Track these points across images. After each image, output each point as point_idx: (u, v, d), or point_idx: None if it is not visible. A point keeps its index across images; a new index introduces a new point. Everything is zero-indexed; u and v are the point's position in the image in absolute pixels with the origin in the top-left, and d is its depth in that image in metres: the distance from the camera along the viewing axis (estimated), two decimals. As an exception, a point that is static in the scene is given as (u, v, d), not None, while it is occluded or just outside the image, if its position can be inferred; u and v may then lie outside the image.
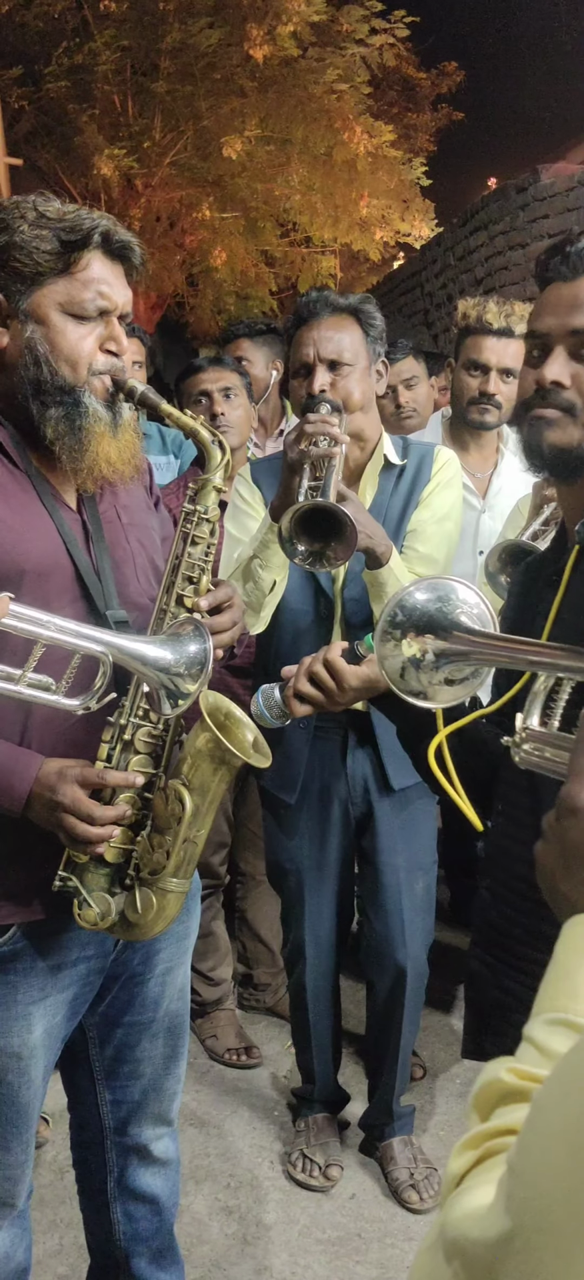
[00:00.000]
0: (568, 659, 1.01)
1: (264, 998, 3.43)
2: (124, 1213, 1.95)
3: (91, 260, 1.59)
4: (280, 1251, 2.46)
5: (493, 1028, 1.50)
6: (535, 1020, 0.75)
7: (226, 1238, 2.51)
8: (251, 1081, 3.10)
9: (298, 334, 2.31)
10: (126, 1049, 1.85)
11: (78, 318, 1.58)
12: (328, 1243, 2.49)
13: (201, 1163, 2.75)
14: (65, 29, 9.96)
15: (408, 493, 2.38)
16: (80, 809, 1.50)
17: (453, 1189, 0.67)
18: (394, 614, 1.21)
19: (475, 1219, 0.62)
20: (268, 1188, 2.67)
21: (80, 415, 1.59)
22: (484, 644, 1.16)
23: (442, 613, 1.18)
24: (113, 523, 1.74)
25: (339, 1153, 2.73)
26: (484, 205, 7.11)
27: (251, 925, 3.41)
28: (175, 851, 1.57)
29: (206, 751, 1.58)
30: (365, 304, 2.33)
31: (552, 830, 0.87)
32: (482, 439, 3.08)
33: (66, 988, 1.69)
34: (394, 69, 12.06)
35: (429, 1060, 3.15)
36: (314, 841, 2.53)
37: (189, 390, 3.16)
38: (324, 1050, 2.72)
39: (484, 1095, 0.72)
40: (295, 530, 1.97)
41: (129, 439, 1.66)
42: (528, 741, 1.11)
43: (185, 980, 1.92)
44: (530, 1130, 0.61)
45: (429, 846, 2.60)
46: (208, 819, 1.64)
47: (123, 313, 1.64)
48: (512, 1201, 0.59)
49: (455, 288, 7.60)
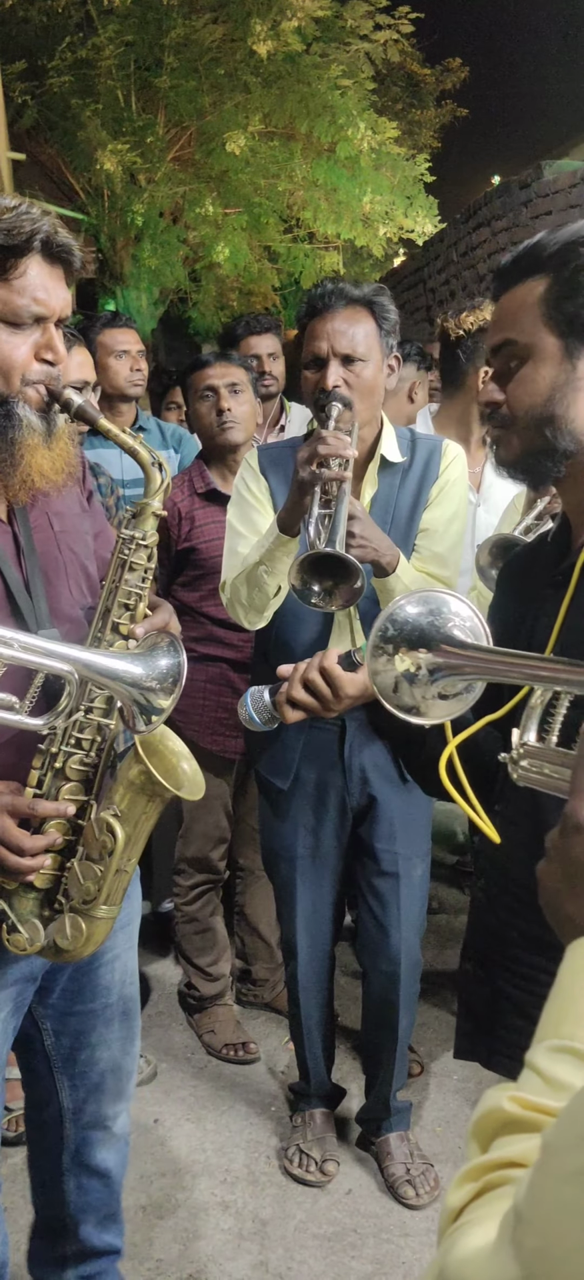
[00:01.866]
0: (567, 672, 0.97)
1: (262, 993, 3.43)
2: (77, 1185, 1.99)
3: (29, 265, 1.52)
4: (276, 1246, 2.47)
5: (486, 1029, 1.50)
6: (539, 1047, 0.71)
7: (223, 1232, 2.51)
8: (249, 1077, 3.10)
9: (311, 325, 2.26)
10: (82, 1037, 1.87)
11: (12, 325, 1.52)
12: (324, 1238, 2.49)
13: (198, 1157, 2.75)
14: (68, 24, 9.93)
15: (417, 490, 2.35)
16: (9, 839, 1.50)
17: (451, 1223, 0.65)
18: (385, 628, 1.18)
19: (479, 1264, 0.59)
20: (264, 1183, 2.67)
21: (12, 427, 1.54)
22: (479, 658, 1.13)
23: (434, 626, 1.15)
24: (44, 530, 1.70)
25: (336, 1148, 2.73)
26: (487, 201, 7.09)
27: (250, 920, 3.41)
28: (107, 882, 1.57)
29: (139, 783, 1.57)
30: (379, 295, 2.28)
31: (556, 849, 0.84)
32: (476, 433, 3.07)
33: (9, 985, 1.70)
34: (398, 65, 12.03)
35: (426, 1056, 3.15)
36: (308, 829, 2.53)
37: (195, 385, 3.15)
38: (315, 1044, 2.73)
39: (484, 1124, 0.69)
40: (306, 574, 1.94)
41: (63, 447, 1.61)
42: (526, 758, 1.08)
43: (134, 964, 1.96)
44: (542, 1175, 0.58)
45: (426, 834, 2.61)
46: (139, 846, 1.63)
47: (60, 317, 1.58)
48: (522, 1250, 0.56)
49: (458, 284, 7.59)
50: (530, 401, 1.41)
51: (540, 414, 1.40)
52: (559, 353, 1.39)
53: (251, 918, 3.40)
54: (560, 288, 1.39)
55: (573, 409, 1.40)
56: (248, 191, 10.63)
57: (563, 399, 1.39)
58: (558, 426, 1.40)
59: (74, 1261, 2.06)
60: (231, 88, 10.22)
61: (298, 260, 10.78)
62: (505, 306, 1.44)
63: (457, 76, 13.93)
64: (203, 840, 3.21)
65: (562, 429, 1.40)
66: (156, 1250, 2.45)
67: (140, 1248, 2.45)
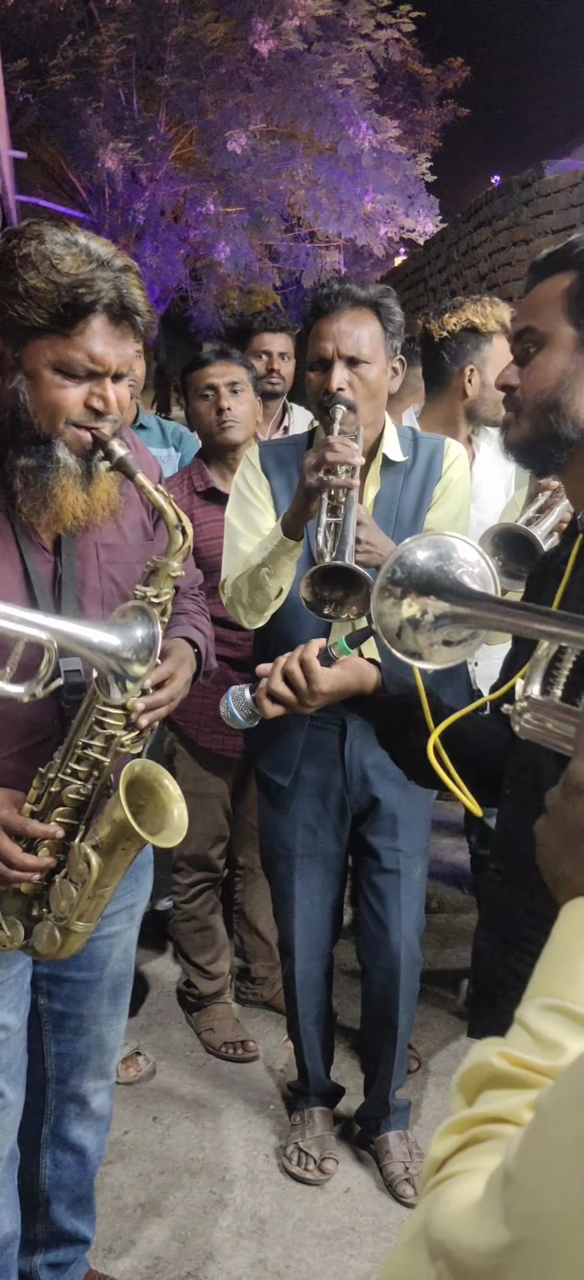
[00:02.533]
0: (573, 628, 0.97)
1: (261, 991, 3.44)
2: (52, 1159, 2.06)
3: (91, 323, 1.54)
4: (275, 1245, 2.47)
5: (498, 1008, 1.51)
6: (529, 1003, 0.71)
7: (221, 1231, 2.51)
8: (248, 1075, 3.10)
9: (316, 325, 2.25)
10: (73, 1004, 1.96)
11: (65, 374, 1.55)
12: (322, 1236, 2.49)
13: (197, 1155, 2.76)
14: (70, 22, 9.95)
15: (421, 489, 2.35)
16: (1, 850, 1.59)
17: (434, 1173, 0.64)
18: (393, 571, 1.17)
19: (465, 1223, 0.58)
20: (263, 1181, 2.67)
21: (49, 466, 1.58)
22: (486, 607, 1.12)
23: (442, 571, 1.14)
24: (88, 559, 1.74)
25: (334, 1146, 2.73)
26: (488, 201, 7.09)
27: (249, 919, 3.41)
28: (80, 904, 1.65)
29: (120, 825, 1.63)
30: (385, 297, 2.27)
31: (555, 808, 0.84)
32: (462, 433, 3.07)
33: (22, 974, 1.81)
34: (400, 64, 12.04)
35: (425, 1055, 3.15)
36: (307, 828, 2.53)
37: (195, 384, 3.15)
38: (313, 1043, 2.72)
39: (471, 1077, 0.69)
40: (316, 586, 1.94)
41: (103, 489, 1.64)
42: (529, 710, 1.08)
43: (131, 943, 2.03)
44: (535, 1140, 0.57)
45: (425, 832, 2.61)
46: (118, 875, 1.70)
47: (118, 372, 1.60)
48: (512, 1214, 0.55)
49: (459, 283, 7.59)
50: (540, 387, 1.45)
51: (548, 399, 1.44)
52: (573, 344, 1.43)
53: (251, 916, 3.40)
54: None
55: (579, 399, 1.43)
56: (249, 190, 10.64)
57: (570, 388, 1.43)
58: (562, 413, 1.43)
59: (44, 1246, 2.12)
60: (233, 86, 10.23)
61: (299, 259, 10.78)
62: (533, 297, 1.49)
63: (458, 76, 13.94)
64: (202, 838, 3.21)
65: (565, 416, 1.43)
66: (154, 1248, 2.45)
67: (138, 1245, 2.45)
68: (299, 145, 10.48)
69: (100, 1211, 2.35)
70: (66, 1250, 2.15)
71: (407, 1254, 0.62)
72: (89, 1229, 2.18)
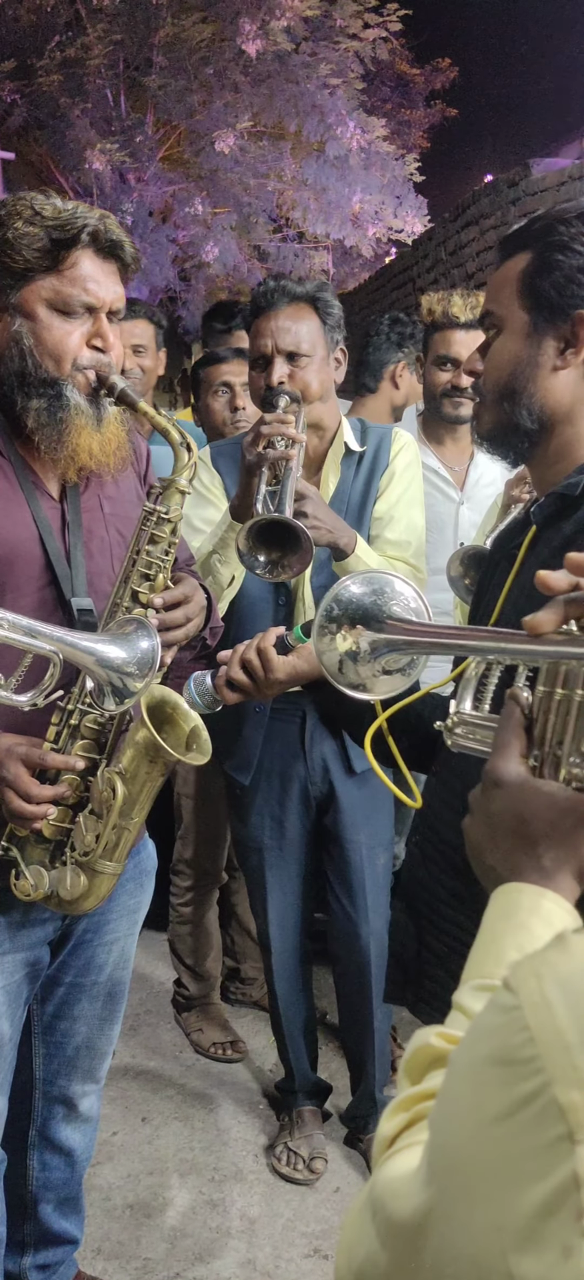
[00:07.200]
0: (494, 641, 1.00)
1: (251, 991, 3.43)
2: (40, 1161, 2.05)
3: (80, 258, 1.63)
4: (264, 1245, 2.47)
5: (413, 980, 1.53)
6: (464, 987, 0.76)
7: (210, 1231, 2.51)
8: (237, 1075, 3.10)
9: (255, 324, 2.30)
10: (65, 1007, 1.94)
11: (64, 313, 1.63)
12: (312, 1236, 2.49)
13: (186, 1156, 2.75)
14: (58, 23, 9.94)
15: (368, 478, 2.38)
16: (19, 786, 1.58)
17: (384, 1150, 0.69)
18: (331, 608, 1.20)
19: (398, 1185, 0.63)
20: (252, 1181, 2.67)
21: (61, 408, 1.64)
22: (414, 632, 1.16)
23: (376, 605, 1.18)
24: (93, 511, 1.79)
25: (323, 1146, 2.73)
26: (475, 200, 7.11)
27: (241, 920, 3.41)
28: (105, 835, 1.63)
29: (143, 746, 1.63)
30: (322, 292, 2.32)
31: (477, 804, 0.89)
32: (457, 432, 3.07)
33: (25, 949, 1.76)
34: (387, 64, 12.06)
35: (415, 1054, 3.15)
36: (274, 821, 2.56)
37: (210, 379, 3.17)
38: (296, 1037, 2.73)
39: (415, 1060, 0.74)
40: (253, 542, 1.96)
41: (113, 431, 1.71)
42: (460, 725, 1.11)
43: (131, 949, 2.02)
44: (443, 1089, 0.63)
45: (388, 824, 2.63)
46: (144, 808, 1.69)
47: (112, 309, 1.68)
48: (432, 1170, 0.60)
49: (447, 282, 7.60)
50: (495, 375, 1.42)
51: (503, 388, 1.41)
52: (525, 328, 1.39)
53: (244, 918, 3.40)
54: (537, 264, 1.39)
55: (532, 386, 1.39)
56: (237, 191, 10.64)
57: (522, 375, 1.39)
58: (515, 402, 1.39)
59: (33, 1247, 2.12)
60: (221, 87, 10.22)
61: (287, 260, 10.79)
62: (495, 279, 1.46)
63: (446, 76, 13.97)
64: (202, 842, 3.21)
65: (519, 405, 1.39)
66: (144, 1249, 2.45)
67: (127, 1246, 2.45)
68: (287, 146, 10.49)
69: (89, 1213, 2.35)
70: (55, 1251, 2.15)
71: (355, 1218, 0.69)
72: (78, 1229, 2.18)
